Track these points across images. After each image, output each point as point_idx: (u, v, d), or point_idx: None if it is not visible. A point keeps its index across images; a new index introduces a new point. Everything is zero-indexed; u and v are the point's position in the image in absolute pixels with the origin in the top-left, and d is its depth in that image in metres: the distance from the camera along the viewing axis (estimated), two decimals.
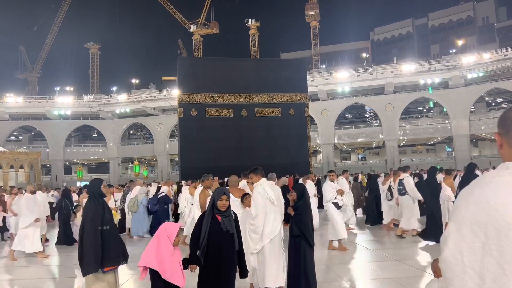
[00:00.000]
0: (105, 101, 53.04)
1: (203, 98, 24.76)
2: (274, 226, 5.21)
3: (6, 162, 38.76)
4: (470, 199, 1.16)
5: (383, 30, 74.92)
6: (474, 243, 1.10)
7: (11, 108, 51.83)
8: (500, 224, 1.05)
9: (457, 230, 1.16)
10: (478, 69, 43.26)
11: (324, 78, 48.22)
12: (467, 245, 1.11)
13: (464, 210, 1.16)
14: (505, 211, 1.05)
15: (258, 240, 5.15)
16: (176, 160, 46.97)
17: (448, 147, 53.13)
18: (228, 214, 4.12)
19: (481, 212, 1.10)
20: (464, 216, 1.15)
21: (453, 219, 1.20)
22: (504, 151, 1.24)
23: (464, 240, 1.12)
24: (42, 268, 8.62)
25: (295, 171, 19.46)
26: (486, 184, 1.15)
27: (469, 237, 1.11)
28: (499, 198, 1.09)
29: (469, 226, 1.12)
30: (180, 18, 66.46)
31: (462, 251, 1.12)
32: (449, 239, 1.18)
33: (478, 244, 1.09)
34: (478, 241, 1.09)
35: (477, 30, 66.18)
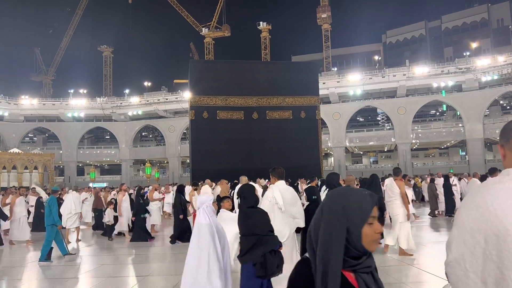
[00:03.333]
0: (118, 104, 53.58)
1: (215, 100, 24.86)
2: (281, 232, 5.02)
3: (20, 163, 39.39)
4: (471, 205, 1.18)
5: (396, 33, 74.39)
6: (475, 248, 1.11)
7: (26, 110, 52.68)
8: (499, 230, 1.06)
9: (459, 236, 1.18)
10: (492, 72, 42.68)
11: (336, 81, 48.03)
12: (468, 250, 1.13)
13: (466, 216, 1.17)
14: (503, 217, 1.06)
15: None
16: (188, 162, 47.17)
17: (462, 151, 52.46)
18: None
19: (481, 218, 1.11)
20: (465, 222, 1.16)
21: (456, 225, 1.22)
22: (507, 161, 1.25)
23: (466, 245, 1.14)
24: None
25: (306, 174, 19.39)
26: (486, 190, 1.16)
27: (470, 242, 1.12)
28: (498, 204, 1.10)
29: (469, 232, 1.13)
30: (192, 21, 66.94)
31: (464, 256, 1.14)
32: (452, 244, 1.20)
33: (479, 250, 1.10)
34: (479, 246, 1.10)
35: (491, 33, 65.31)
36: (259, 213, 4.24)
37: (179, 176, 49.52)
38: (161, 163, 61.47)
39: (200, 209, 4.44)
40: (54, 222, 9.05)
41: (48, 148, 54.07)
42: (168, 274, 7.62)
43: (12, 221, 12.05)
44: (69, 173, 52.24)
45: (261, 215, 4.18)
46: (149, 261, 9.22)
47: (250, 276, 3.88)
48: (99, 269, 8.29)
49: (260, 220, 4.11)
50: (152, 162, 55.33)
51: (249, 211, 4.15)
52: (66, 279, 7.63)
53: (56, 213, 9.18)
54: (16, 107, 52.28)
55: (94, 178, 47.22)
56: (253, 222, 4.06)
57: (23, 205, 12.55)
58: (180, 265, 8.06)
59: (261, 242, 3.93)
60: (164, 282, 7.05)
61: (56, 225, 9.05)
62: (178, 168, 52.04)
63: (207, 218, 4.45)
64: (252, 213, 4.14)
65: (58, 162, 50.94)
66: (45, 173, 42.76)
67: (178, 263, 8.40)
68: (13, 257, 10.19)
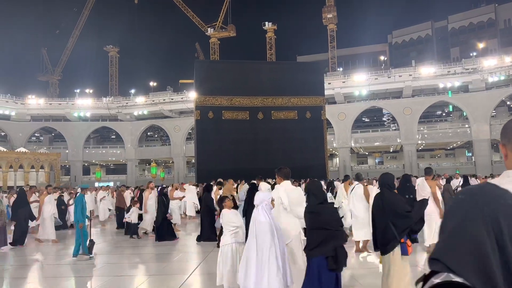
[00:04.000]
0: (124, 103, 53.79)
1: (220, 100, 24.90)
2: (286, 232, 5.00)
3: (27, 162, 39.67)
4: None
5: (402, 33, 74.07)
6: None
7: (33, 109, 53.03)
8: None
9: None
10: (499, 72, 42.37)
11: (341, 81, 47.90)
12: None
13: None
14: None
15: None
16: (193, 162, 47.27)
17: (468, 152, 52.12)
18: None
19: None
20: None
21: None
22: (508, 161, 1.25)
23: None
24: None
25: (311, 174, 19.36)
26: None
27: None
28: None
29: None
30: (198, 21, 67.05)
31: None
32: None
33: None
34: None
35: (498, 33, 64.84)
36: (329, 209, 4.43)
37: (184, 176, 49.61)
38: (166, 163, 61.62)
39: (259, 207, 4.49)
40: (77, 220, 9.15)
41: (54, 148, 54.40)
42: (179, 273, 7.63)
43: (42, 219, 11.81)
44: (75, 172, 52.51)
45: (331, 211, 4.39)
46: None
47: (322, 269, 4.03)
48: (113, 268, 8.32)
49: (331, 215, 4.30)
50: (158, 162, 55.51)
51: (320, 207, 4.32)
52: (83, 277, 7.67)
53: (79, 211, 9.17)
54: (23, 106, 52.63)
55: (99, 178, 47.45)
56: (324, 217, 4.21)
57: (52, 203, 12.39)
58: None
59: (332, 236, 4.10)
60: (173, 281, 7.07)
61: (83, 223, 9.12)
62: (183, 168, 52.14)
63: (266, 216, 4.50)
64: (322, 209, 4.31)
65: (64, 162, 51.22)
66: (51, 172, 43.03)
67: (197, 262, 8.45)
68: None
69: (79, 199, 9.47)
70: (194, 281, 7.02)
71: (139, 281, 7.14)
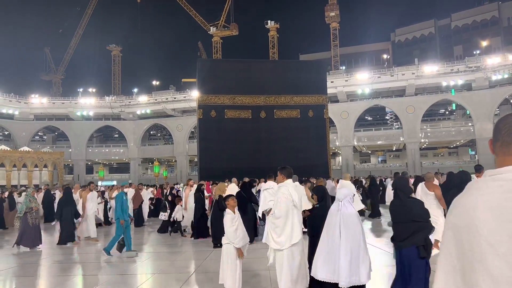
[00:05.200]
0: (126, 102, 53.91)
1: (222, 99, 24.88)
2: (295, 232, 5.04)
3: (30, 161, 39.83)
4: (456, 203, 1.22)
5: (405, 31, 73.87)
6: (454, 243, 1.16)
7: (36, 109, 53.22)
8: (470, 225, 1.11)
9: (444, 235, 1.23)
10: (503, 70, 42.19)
11: (344, 80, 47.81)
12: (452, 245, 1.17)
13: (450, 215, 1.22)
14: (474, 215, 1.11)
15: (277, 239, 5.06)
16: (195, 161, 47.31)
17: (471, 150, 51.94)
18: None
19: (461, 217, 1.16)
20: (449, 220, 1.21)
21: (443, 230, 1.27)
22: (498, 159, 1.29)
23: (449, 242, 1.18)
24: None
25: (314, 173, 19.34)
26: (469, 190, 1.21)
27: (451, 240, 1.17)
28: (469, 202, 1.16)
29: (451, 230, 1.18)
30: (200, 20, 67.10)
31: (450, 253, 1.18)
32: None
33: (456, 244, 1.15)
34: (455, 241, 1.15)
35: (502, 31, 64.55)
36: (418, 202, 4.73)
37: (187, 174, 49.67)
38: (169, 161, 61.75)
39: (343, 200, 4.65)
40: (118, 217, 9.17)
41: (58, 147, 54.65)
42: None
43: (85, 217, 11.78)
44: (78, 171, 52.69)
45: (420, 205, 4.66)
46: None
47: (414, 258, 4.31)
48: (114, 267, 8.35)
49: (421, 208, 4.55)
50: (160, 161, 55.63)
51: (409, 202, 4.62)
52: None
53: (120, 208, 9.17)
54: (26, 106, 52.82)
55: (103, 177, 47.61)
56: (415, 211, 4.49)
57: (94, 201, 12.36)
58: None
59: (422, 227, 4.38)
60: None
61: (125, 220, 9.16)
62: (186, 166, 52.23)
63: (353, 208, 4.72)
64: (412, 203, 4.61)
65: (67, 161, 51.43)
66: (55, 171, 43.21)
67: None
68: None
69: (119, 197, 9.47)
70: (196, 280, 7.04)
71: (141, 280, 7.18)
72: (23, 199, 11.14)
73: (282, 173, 5.35)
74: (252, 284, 6.26)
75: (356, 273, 4.35)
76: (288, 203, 5.07)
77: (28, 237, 10.42)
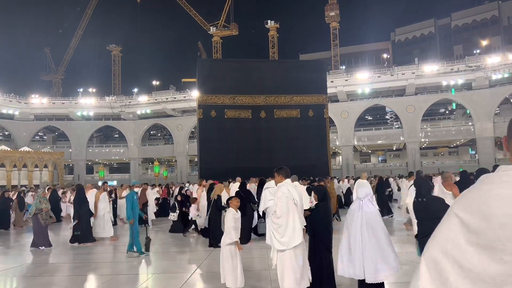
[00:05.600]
0: (126, 102, 53.92)
1: (223, 99, 24.89)
2: (297, 232, 5.01)
3: (31, 162, 39.85)
4: (467, 196, 1.19)
5: (405, 31, 73.85)
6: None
7: (36, 109, 53.24)
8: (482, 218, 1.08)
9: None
10: (503, 70, 42.17)
11: (344, 79, 47.81)
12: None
13: (458, 206, 1.20)
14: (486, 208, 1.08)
15: (281, 239, 5.03)
16: (196, 160, 47.32)
17: (472, 149, 51.94)
18: None
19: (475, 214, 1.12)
20: (455, 212, 1.19)
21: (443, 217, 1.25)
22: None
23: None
24: None
25: (314, 173, 19.34)
26: (481, 183, 1.18)
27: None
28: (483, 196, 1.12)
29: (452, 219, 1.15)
30: (200, 20, 67.09)
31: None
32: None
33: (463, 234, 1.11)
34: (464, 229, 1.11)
35: (502, 30, 64.53)
36: (440, 200, 4.93)
37: (187, 174, 49.71)
38: (169, 161, 61.76)
39: (364, 199, 4.73)
40: (128, 216, 9.18)
41: (58, 147, 54.66)
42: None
43: (96, 217, 11.71)
44: (78, 171, 52.71)
45: (442, 201, 4.82)
46: None
47: None
48: (114, 266, 8.35)
49: (443, 205, 4.65)
50: (161, 161, 55.66)
51: (431, 199, 4.86)
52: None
53: (130, 208, 9.16)
54: (26, 106, 52.84)
55: (103, 177, 47.62)
56: (438, 207, 4.58)
57: (106, 201, 12.30)
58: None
59: None
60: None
61: (139, 219, 9.21)
62: (186, 166, 52.24)
63: (374, 207, 4.83)
64: (433, 201, 4.83)
65: (67, 161, 51.45)
66: (55, 171, 43.23)
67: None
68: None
69: (130, 196, 9.46)
70: (196, 280, 7.05)
71: (142, 279, 7.19)
72: (34, 200, 11.08)
73: (279, 173, 5.35)
74: (252, 284, 6.27)
75: (381, 270, 4.44)
76: (289, 202, 5.06)
77: (44, 236, 10.50)
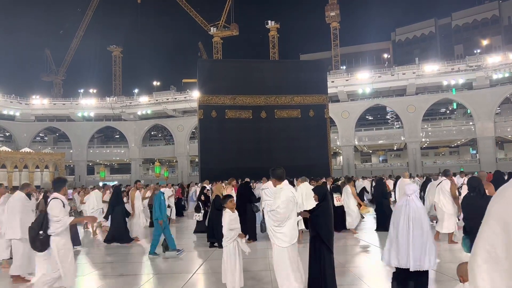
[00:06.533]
0: (127, 103, 53.95)
1: (223, 100, 24.91)
2: (295, 231, 5.19)
3: (32, 162, 39.87)
4: (502, 197, 1.16)
5: (405, 31, 73.83)
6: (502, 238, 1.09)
7: (37, 109, 53.29)
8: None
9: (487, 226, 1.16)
10: (503, 69, 42.13)
11: (345, 79, 47.82)
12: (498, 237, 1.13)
13: (494, 207, 1.15)
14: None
15: (283, 237, 5.06)
16: (196, 161, 47.34)
17: (472, 149, 51.90)
18: None
19: (507, 210, 1.10)
20: (492, 212, 1.16)
21: (485, 217, 1.19)
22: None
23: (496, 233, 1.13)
24: None
25: (315, 173, 19.34)
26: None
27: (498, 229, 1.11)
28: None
29: (497, 222, 1.13)
30: (201, 20, 67.09)
31: (494, 244, 1.13)
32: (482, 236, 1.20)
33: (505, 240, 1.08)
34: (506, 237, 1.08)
35: (502, 30, 64.49)
36: (485, 198, 5.17)
37: (188, 175, 49.71)
38: (170, 162, 61.78)
39: (411, 195, 4.98)
40: (156, 217, 9.11)
41: (59, 148, 54.67)
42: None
43: (134, 216, 11.63)
44: (79, 172, 52.74)
45: (485, 199, 5.04)
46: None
47: None
48: (114, 266, 8.35)
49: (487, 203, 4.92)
50: (161, 161, 55.63)
51: (483, 198, 5.10)
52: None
53: (158, 208, 9.08)
54: (27, 107, 52.90)
55: (104, 177, 47.65)
56: (485, 206, 4.78)
57: (140, 200, 12.23)
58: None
59: None
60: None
61: (163, 220, 9.08)
62: (187, 167, 52.26)
63: (420, 202, 5.03)
64: (484, 200, 5.09)
65: (68, 161, 51.46)
66: (56, 172, 43.22)
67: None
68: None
69: (157, 197, 9.41)
70: (198, 280, 7.05)
71: (144, 280, 7.19)
72: None
73: (273, 177, 5.37)
74: (251, 284, 6.27)
75: (424, 260, 4.64)
76: (293, 203, 5.14)
77: (74, 235, 10.51)
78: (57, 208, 5.19)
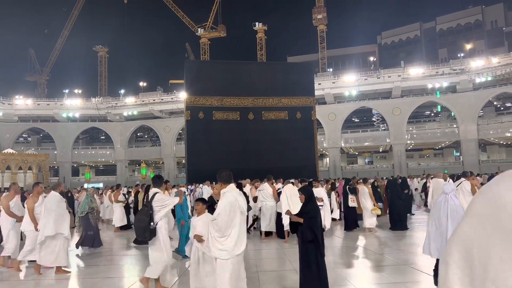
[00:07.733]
0: (113, 104, 53.39)
1: (210, 101, 24.86)
2: (241, 241, 4.65)
3: (14, 164, 39.16)
4: (485, 194, 1.18)
5: (391, 34, 74.72)
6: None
7: (20, 110, 52.34)
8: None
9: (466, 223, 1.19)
10: (486, 73, 42.95)
11: (331, 82, 48.16)
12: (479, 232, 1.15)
13: (477, 204, 1.18)
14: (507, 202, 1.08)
15: (222, 247, 4.58)
16: (183, 162, 47.08)
17: (456, 151, 52.75)
18: None
19: (490, 206, 1.12)
20: (474, 209, 1.18)
21: (466, 213, 1.22)
22: None
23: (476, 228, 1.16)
24: None
25: (302, 174, 19.42)
26: (503, 181, 1.15)
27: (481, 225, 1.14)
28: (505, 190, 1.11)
29: (476, 219, 1.15)
30: (188, 21, 66.85)
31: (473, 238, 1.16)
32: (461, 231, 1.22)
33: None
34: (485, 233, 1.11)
35: (485, 34, 65.75)
36: None
37: (174, 176, 49.39)
38: (156, 163, 61.31)
39: (450, 194, 5.56)
40: (179, 217, 9.05)
41: (43, 149, 53.78)
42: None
43: None
44: (64, 173, 51.97)
45: None
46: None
47: None
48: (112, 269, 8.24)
49: None
50: (148, 163, 55.26)
51: None
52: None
53: (180, 208, 8.96)
54: (10, 107, 51.93)
55: (89, 179, 47.06)
56: None
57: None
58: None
59: None
60: None
61: (185, 220, 8.99)
62: (173, 168, 51.92)
63: (458, 200, 5.51)
64: None
65: (52, 163, 50.65)
66: (40, 173, 42.52)
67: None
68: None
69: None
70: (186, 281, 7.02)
71: (131, 282, 7.13)
72: (85, 199, 10.75)
73: (219, 180, 5.02)
74: None
75: None
76: (236, 209, 4.66)
77: (90, 237, 10.37)
78: (161, 199, 6.07)
